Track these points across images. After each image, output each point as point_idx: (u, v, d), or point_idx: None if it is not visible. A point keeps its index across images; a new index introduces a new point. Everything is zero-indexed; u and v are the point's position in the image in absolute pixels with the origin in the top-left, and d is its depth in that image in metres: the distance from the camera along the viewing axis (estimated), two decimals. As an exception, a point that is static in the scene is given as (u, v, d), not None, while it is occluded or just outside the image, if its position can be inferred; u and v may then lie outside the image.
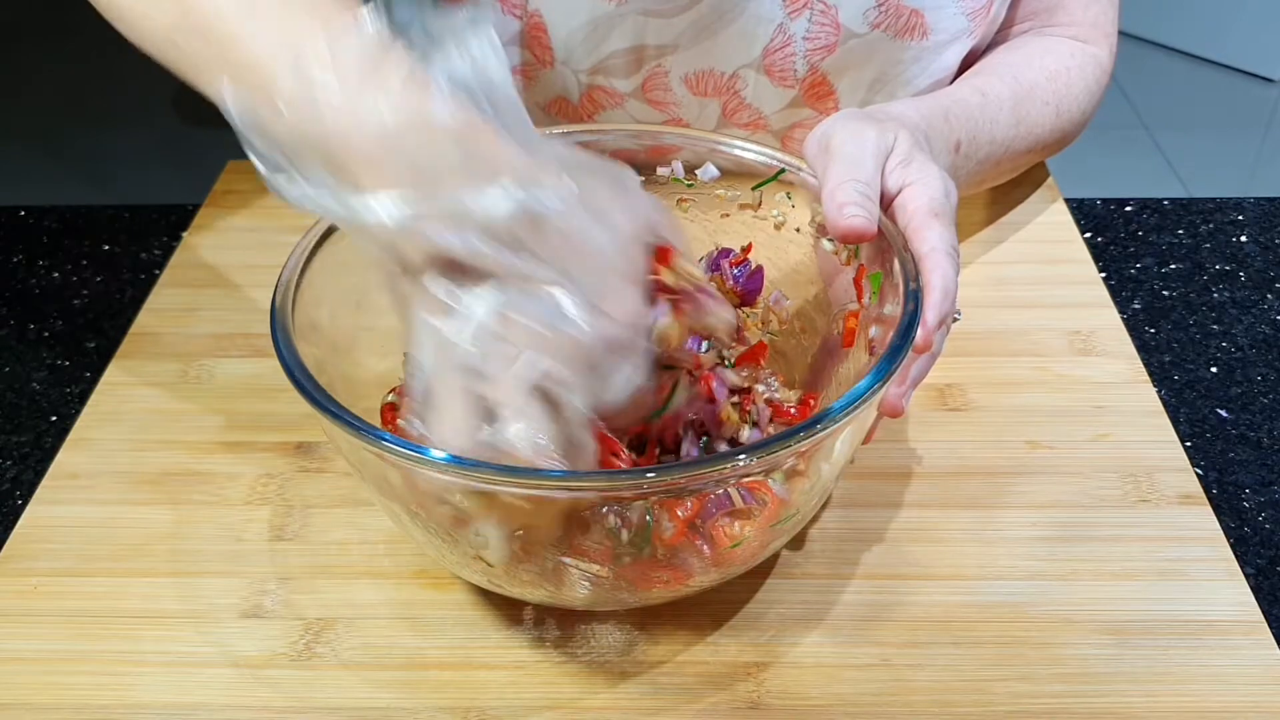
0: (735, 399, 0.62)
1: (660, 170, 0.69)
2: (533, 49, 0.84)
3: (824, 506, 0.65)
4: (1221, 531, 0.64)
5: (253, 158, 0.50)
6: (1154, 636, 0.59)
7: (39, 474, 0.69)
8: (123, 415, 0.72)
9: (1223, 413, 0.74)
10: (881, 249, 0.61)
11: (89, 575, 0.63)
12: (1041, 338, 0.77)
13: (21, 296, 0.86)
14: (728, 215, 0.69)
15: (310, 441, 0.70)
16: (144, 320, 0.80)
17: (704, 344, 0.58)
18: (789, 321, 0.69)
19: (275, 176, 0.50)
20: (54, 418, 0.75)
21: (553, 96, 0.87)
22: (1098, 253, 0.87)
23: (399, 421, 0.53)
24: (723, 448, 0.60)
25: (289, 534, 0.65)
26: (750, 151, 0.67)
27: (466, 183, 0.49)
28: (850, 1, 0.78)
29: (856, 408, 0.51)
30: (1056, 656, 0.58)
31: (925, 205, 0.61)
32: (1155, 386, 0.74)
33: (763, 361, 0.64)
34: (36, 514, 0.66)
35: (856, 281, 0.63)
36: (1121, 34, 0.87)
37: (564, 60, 0.83)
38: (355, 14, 0.50)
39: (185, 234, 0.88)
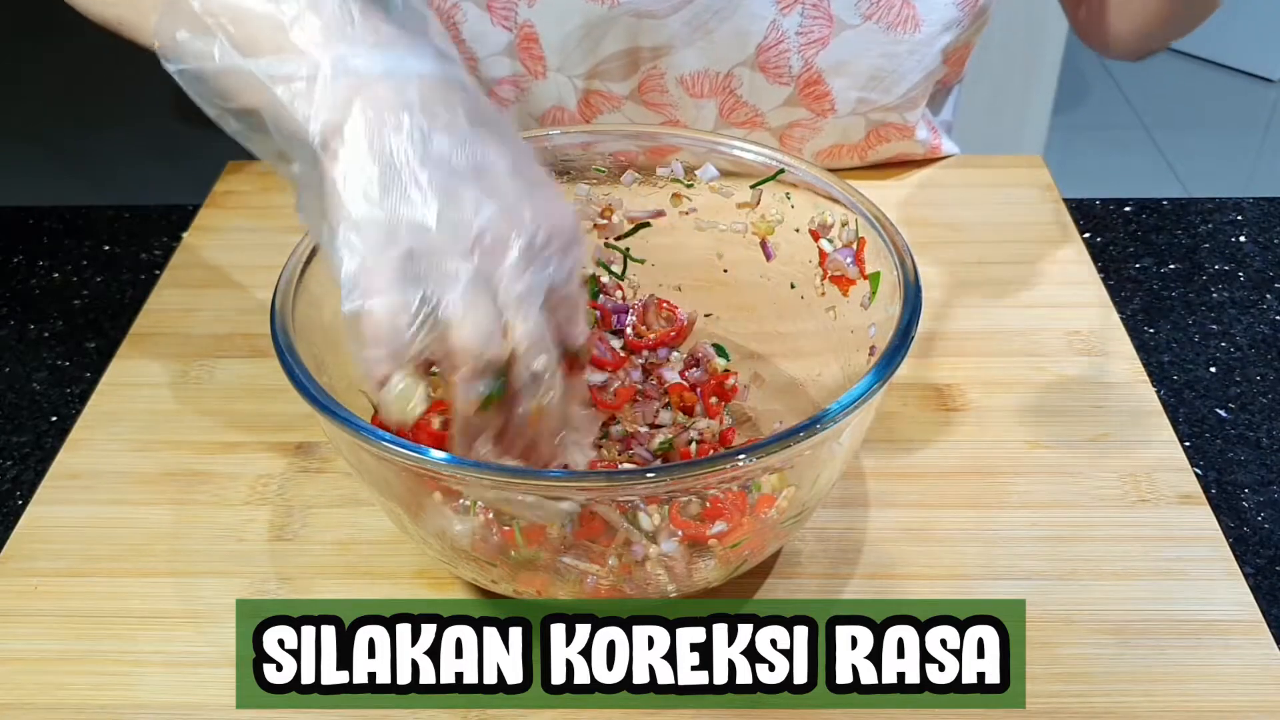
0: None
1: (660, 170, 0.69)
2: (524, 60, 0.84)
3: (824, 506, 0.65)
4: (1220, 531, 0.64)
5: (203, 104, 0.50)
6: (1153, 636, 0.59)
7: (39, 474, 0.69)
8: (123, 415, 0.72)
9: (1222, 413, 0.74)
10: (882, 249, 0.61)
11: (89, 575, 0.63)
12: (1041, 338, 0.77)
13: (22, 296, 0.85)
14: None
15: (310, 441, 0.70)
16: (144, 320, 0.80)
17: None
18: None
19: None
20: (54, 418, 0.75)
21: (547, 107, 0.86)
22: (1097, 253, 0.87)
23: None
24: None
25: (289, 534, 0.65)
26: (750, 151, 0.67)
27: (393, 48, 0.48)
28: None
29: (856, 408, 0.51)
30: (1056, 656, 0.58)
31: None
32: (1154, 386, 0.74)
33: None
34: (37, 514, 0.66)
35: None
36: (1121, 33, 0.87)
37: (558, 67, 0.83)
38: None
39: (185, 234, 0.88)
